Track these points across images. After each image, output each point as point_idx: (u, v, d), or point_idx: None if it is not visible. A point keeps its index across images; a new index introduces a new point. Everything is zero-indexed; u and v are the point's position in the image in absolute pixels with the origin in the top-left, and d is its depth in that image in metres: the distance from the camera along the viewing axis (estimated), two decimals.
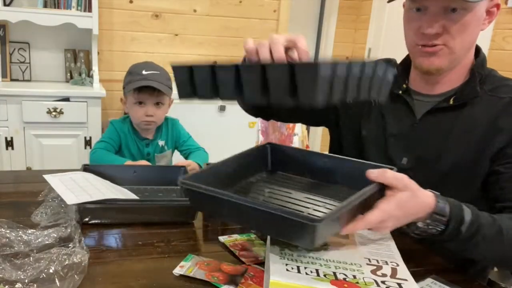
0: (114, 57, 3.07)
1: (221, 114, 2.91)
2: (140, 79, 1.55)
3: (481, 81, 1.01)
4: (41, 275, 0.72)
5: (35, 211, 0.99)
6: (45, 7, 2.68)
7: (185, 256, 0.86)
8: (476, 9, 0.93)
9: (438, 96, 1.04)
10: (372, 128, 1.12)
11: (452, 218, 0.80)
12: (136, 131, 1.65)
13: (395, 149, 1.07)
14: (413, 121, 1.05)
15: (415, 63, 1.04)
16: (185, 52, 3.23)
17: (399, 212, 0.76)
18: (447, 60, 0.97)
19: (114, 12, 3.00)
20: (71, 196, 0.96)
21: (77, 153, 2.65)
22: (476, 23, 0.95)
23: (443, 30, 0.94)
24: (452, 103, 1.01)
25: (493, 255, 0.87)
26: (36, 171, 2.27)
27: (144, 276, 0.79)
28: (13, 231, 0.86)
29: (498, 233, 0.83)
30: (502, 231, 0.83)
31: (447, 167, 1.00)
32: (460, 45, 0.96)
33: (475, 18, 0.94)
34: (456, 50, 0.96)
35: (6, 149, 2.54)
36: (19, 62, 2.85)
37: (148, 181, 1.20)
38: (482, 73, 1.01)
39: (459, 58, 0.99)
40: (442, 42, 0.95)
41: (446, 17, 0.93)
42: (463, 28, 0.93)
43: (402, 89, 1.08)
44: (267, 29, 3.38)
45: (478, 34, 0.98)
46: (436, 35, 0.94)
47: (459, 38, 0.94)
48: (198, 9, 3.18)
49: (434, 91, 1.05)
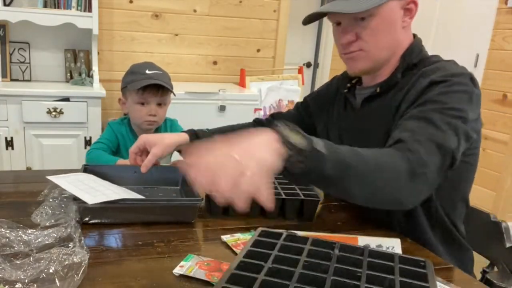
0: (114, 57, 3.07)
1: (221, 114, 2.91)
2: (145, 78, 1.54)
3: (409, 68, 1.08)
4: (41, 275, 0.72)
5: (35, 211, 0.99)
6: (45, 7, 2.68)
7: (185, 256, 0.86)
8: (383, 13, 1.02)
9: (373, 86, 1.13)
10: (333, 128, 1.25)
11: (306, 136, 0.74)
12: (134, 132, 1.65)
13: (346, 141, 1.15)
14: (355, 113, 1.17)
15: (346, 69, 1.16)
16: (185, 52, 3.24)
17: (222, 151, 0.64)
18: (367, 61, 1.08)
19: (114, 12, 3.00)
20: (88, 196, 0.95)
21: (77, 153, 2.65)
22: (389, 25, 1.04)
23: (356, 37, 1.05)
24: (378, 91, 1.11)
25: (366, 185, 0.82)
26: (36, 171, 2.28)
27: (144, 276, 0.79)
28: (13, 231, 0.86)
29: (356, 154, 0.81)
30: (361, 155, 0.81)
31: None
32: (375, 47, 1.05)
33: (385, 21, 1.03)
34: (372, 52, 1.06)
35: (6, 149, 2.54)
36: (19, 62, 2.85)
37: (148, 181, 1.20)
38: (409, 60, 1.08)
39: (380, 57, 1.08)
40: (357, 48, 1.06)
41: (357, 26, 1.04)
42: (374, 32, 1.03)
43: (346, 88, 1.22)
44: (267, 29, 3.38)
45: (399, 32, 1.06)
46: (350, 43, 1.05)
47: (372, 41, 1.05)
48: (198, 9, 3.18)
49: (371, 82, 1.15)
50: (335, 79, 1.32)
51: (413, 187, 0.84)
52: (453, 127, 0.91)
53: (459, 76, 0.98)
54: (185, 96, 2.79)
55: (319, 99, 1.33)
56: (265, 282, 0.63)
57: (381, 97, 1.11)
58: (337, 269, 0.68)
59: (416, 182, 0.84)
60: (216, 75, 3.36)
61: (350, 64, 1.11)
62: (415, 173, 0.83)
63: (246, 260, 0.68)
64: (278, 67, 3.48)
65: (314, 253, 0.72)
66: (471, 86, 0.98)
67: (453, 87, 0.96)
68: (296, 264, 0.63)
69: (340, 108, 1.23)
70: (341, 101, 1.24)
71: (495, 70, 3.04)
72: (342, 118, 1.22)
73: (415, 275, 0.68)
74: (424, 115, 0.93)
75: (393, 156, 0.84)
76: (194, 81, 3.29)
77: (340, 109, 1.23)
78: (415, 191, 0.86)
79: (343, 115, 1.22)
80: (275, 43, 3.43)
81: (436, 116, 0.92)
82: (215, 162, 0.63)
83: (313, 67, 4.41)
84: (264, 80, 3.36)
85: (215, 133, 1.33)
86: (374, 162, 0.82)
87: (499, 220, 1.21)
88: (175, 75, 3.07)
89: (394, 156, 0.84)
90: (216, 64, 3.34)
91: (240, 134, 0.68)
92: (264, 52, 3.42)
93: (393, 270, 0.69)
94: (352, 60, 1.09)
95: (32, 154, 2.59)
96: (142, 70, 1.57)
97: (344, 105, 1.22)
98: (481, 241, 1.24)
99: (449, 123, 0.91)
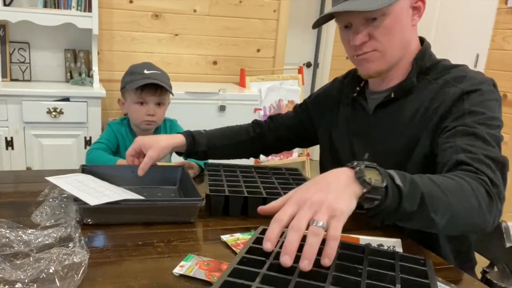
0: (114, 57, 3.07)
1: (221, 114, 2.91)
2: (143, 78, 1.55)
3: (422, 72, 1.08)
4: (41, 275, 0.72)
5: (35, 211, 0.99)
6: (45, 7, 2.68)
7: (185, 256, 0.86)
8: (394, 12, 1.01)
9: (385, 91, 1.12)
10: (340, 131, 1.23)
11: (383, 173, 0.73)
12: (134, 133, 1.65)
13: (357, 146, 1.16)
14: (368, 117, 1.15)
15: (358, 71, 1.14)
16: (185, 52, 3.24)
17: (302, 191, 0.69)
18: (382, 62, 1.06)
19: (114, 12, 3.00)
20: (89, 197, 0.95)
21: (77, 153, 2.65)
22: (400, 23, 1.03)
23: (369, 38, 1.03)
24: (393, 96, 1.09)
25: (455, 209, 0.80)
26: (36, 171, 2.28)
27: (144, 276, 0.79)
28: (13, 231, 0.86)
29: (433, 183, 0.78)
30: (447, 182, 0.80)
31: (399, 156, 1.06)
32: (388, 46, 1.04)
33: (397, 19, 1.02)
34: (387, 52, 1.05)
35: (6, 149, 2.54)
36: (19, 62, 2.85)
37: (146, 181, 1.20)
38: (422, 64, 1.08)
39: (394, 57, 1.06)
40: (371, 48, 1.04)
41: (369, 26, 1.02)
42: (387, 31, 1.02)
43: (356, 92, 1.19)
44: (267, 29, 3.38)
45: (409, 31, 1.06)
46: (363, 43, 1.04)
47: (386, 40, 1.03)
48: (198, 9, 3.18)
49: (383, 87, 1.13)
50: (336, 81, 1.31)
51: (492, 208, 0.84)
52: (496, 138, 0.93)
53: (486, 84, 1.00)
54: (185, 96, 2.79)
55: (320, 102, 1.32)
56: (267, 276, 0.63)
57: (396, 102, 1.09)
58: (338, 265, 0.68)
59: (494, 202, 0.84)
60: (216, 75, 3.36)
61: (364, 65, 1.08)
62: (491, 194, 0.84)
63: (248, 256, 0.68)
64: (278, 67, 3.48)
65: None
66: (497, 92, 1.01)
67: (485, 96, 0.98)
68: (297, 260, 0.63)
69: (348, 112, 1.21)
70: (348, 104, 1.21)
71: (495, 70, 3.04)
72: (351, 122, 1.20)
73: (415, 272, 0.68)
74: (472, 130, 0.94)
75: (469, 182, 0.83)
76: (194, 81, 3.29)
77: (347, 113, 1.21)
78: (495, 212, 0.85)
79: (352, 119, 1.20)
80: (275, 43, 3.43)
81: (480, 128, 0.93)
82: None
83: (313, 67, 4.41)
84: (264, 80, 3.36)
85: (212, 135, 1.33)
86: (452, 189, 0.80)
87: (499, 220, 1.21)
88: (175, 75, 3.08)
89: (470, 181, 0.83)
90: (216, 64, 3.34)
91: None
92: (264, 52, 3.42)
93: (394, 267, 0.69)
94: (366, 61, 1.07)
95: (32, 154, 2.59)
96: (141, 70, 1.57)
97: (353, 109, 1.20)
98: (481, 241, 1.24)
99: (493, 135, 0.93)
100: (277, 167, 1.36)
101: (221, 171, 1.28)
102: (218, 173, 1.26)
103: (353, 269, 0.68)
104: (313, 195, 0.66)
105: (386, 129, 1.10)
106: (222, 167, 1.30)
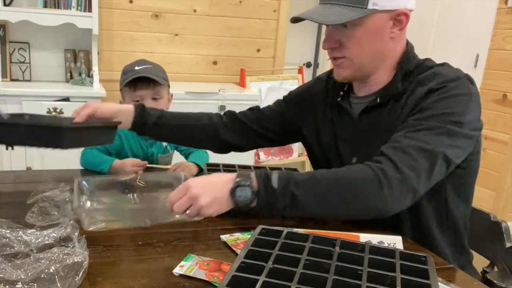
0: (114, 57, 3.07)
1: None
2: (133, 74, 1.55)
3: (406, 75, 1.06)
4: (41, 275, 0.72)
5: (28, 213, 0.99)
6: (45, 7, 2.68)
7: (185, 256, 0.86)
8: (368, 23, 0.99)
9: (370, 96, 1.10)
10: (327, 132, 1.20)
11: (257, 174, 0.89)
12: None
13: (345, 151, 1.14)
14: (353, 123, 1.13)
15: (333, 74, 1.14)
16: (185, 52, 3.24)
17: (195, 182, 0.88)
18: (351, 70, 1.05)
19: (114, 12, 3.00)
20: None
21: (77, 153, 2.64)
22: (374, 35, 1.01)
23: (340, 44, 1.02)
24: (379, 101, 1.07)
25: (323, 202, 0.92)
26: (36, 171, 2.28)
27: (144, 276, 0.79)
28: (13, 231, 0.86)
29: (312, 179, 0.91)
30: (315, 177, 0.92)
31: None
32: (357, 56, 1.03)
33: (368, 31, 1.00)
34: (356, 61, 1.04)
35: (6, 149, 2.54)
36: (19, 62, 2.85)
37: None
38: (406, 67, 1.06)
39: (364, 66, 1.05)
40: (341, 55, 1.04)
41: (340, 33, 1.01)
42: (356, 41, 1.01)
43: (340, 97, 1.16)
44: (267, 29, 3.38)
45: (385, 43, 1.03)
46: (334, 49, 1.04)
47: (355, 50, 1.02)
48: (198, 9, 3.18)
49: (367, 92, 1.11)
50: (320, 81, 1.26)
51: (382, 194, 0.88)
52: (446, 129, 0.93)
53: (456, 81, 0.98)
54: (185, 96, 2.79)
55: (303, 101, 1.26)
56: (267, 283, 0.63)
57: (381, 107, 1.07)
58: (338, 267, 0.68)
59: (385, 187, 0.88)
60: (216, 75, 3.36)
61: (336, 70, 1.10)
62: (382, 180, 0.88)
63: (247, 261, 0.68)
64: (278, 67, 3.48)
65: (315, 251, 0.72)
66: (469, 87, 0.99)
67: (450, 92, 0.97)
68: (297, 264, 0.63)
69: (334, 115, 1.18)
70: (333, 107, 1.18)
71: (495, 70, 3.04)
72: (338, 126, 1.17)
73: (416, 272, 0.68)
74: (418, 123, 0.95)
75: (361, 169, 0.92)
76: (194, 81, 3.29)
77: (334, 117, 1.18)
78: (388, 197, 0.89)
79: (339, 123, 1.17)
80: (275, 43, 3.43)
81: (429, 121, 0.94)
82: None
83: (313, 67, 4.41)
84: (264, 80, 3.36)
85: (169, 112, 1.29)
86: (335, 178, 0.92)
87: (499, 220, 1.22)
88: (175, 75, 3.08)
89: (362, 169, 0.92)
90: (216, 64, 3.34)
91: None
92: (264, 52, 3.42)
93: (394, 267, 0.69)
94: (337, 67, 1.08)
95: (32, 154, 2.59)
96: (132, 68, 1.58)
97: (338, 113, 1.17)
98: (481, 241, 1.24)
99: (440, 127, 0.93)
100: (277, 167, 1.36)
101: (221, 171, 1.28)
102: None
103: (354, 271, 0.68)
104: (196, 191, 0.87)
105: (372, 134, 1.08)
106: (222, 167, 1.30)
